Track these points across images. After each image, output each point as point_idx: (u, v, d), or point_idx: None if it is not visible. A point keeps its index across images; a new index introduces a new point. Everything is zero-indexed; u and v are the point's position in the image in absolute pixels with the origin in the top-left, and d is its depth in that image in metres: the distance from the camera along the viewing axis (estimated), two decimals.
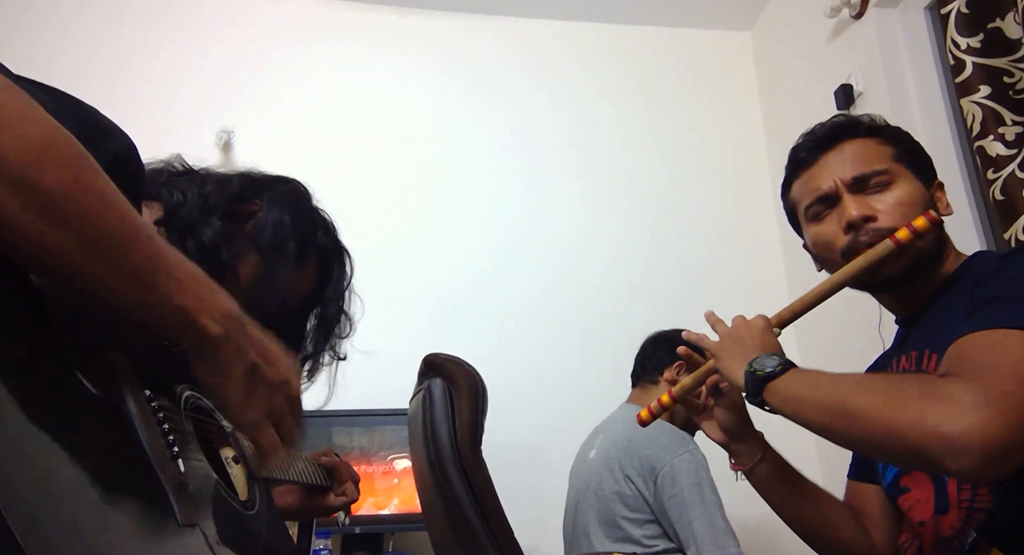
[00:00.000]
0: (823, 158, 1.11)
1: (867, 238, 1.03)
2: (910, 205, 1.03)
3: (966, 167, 2.17)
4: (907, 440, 0.76)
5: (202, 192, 0.90)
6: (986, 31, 1.82)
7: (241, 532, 0.74)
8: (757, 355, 1.00)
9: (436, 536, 1.35)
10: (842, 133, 1.11)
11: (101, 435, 0.55)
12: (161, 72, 2.74)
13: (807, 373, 0.95)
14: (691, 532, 1.69)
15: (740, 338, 1.05)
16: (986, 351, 0.79)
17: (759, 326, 1.06)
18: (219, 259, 0.86)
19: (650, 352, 2.09)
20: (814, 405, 0.89)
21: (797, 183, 1.16)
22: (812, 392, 0.90)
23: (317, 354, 1.03)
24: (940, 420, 0.73)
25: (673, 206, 2.95)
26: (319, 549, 2.06)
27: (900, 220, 1.01)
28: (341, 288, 1.03)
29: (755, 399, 0.98)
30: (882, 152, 1.08)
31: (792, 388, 0.93)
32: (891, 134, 1.12)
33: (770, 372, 0.96)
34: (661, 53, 3.18)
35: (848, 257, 1.05)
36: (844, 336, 2.17)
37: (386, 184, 2.79)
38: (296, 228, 0.95)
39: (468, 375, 1.23)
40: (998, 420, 0.71)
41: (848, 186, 1.06)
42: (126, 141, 0.69)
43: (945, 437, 0.72)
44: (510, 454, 2.21)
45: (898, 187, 1.05)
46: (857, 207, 1.04)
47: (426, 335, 2.21)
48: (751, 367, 0.98)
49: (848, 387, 0.87)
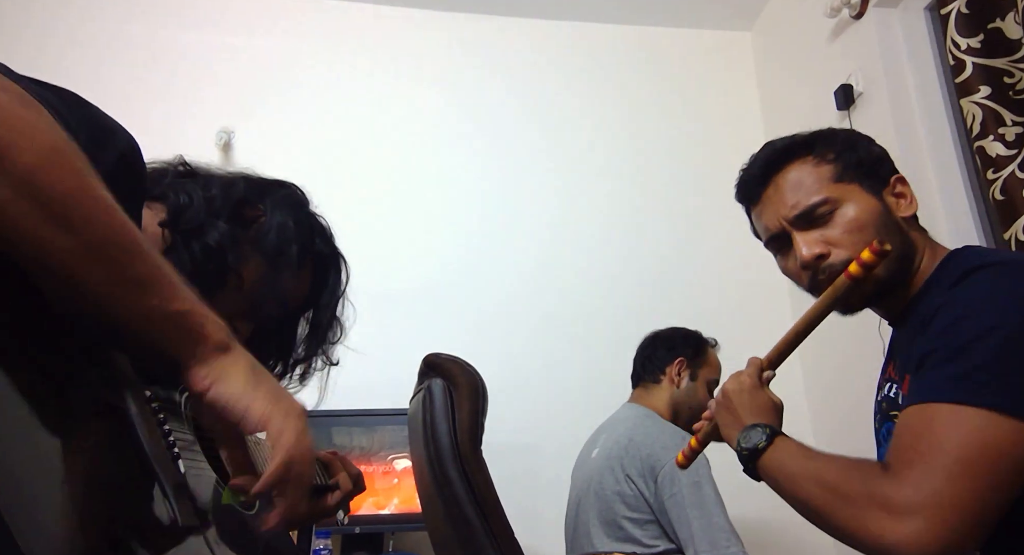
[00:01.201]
0: (764, 194, 1.09)
1: (824, 276, 1.01)
2: (859, 229, 1.00)
3: (966, 167, 2.17)
4: (861, 545, 0.81)
5: (207, 195, 0.90)
6: (986, 31, 1.82)
7: (241, 532, 0.74)
8: (749, 421, 1.01)
9: (436, 536, 1.35)
10: (774, 166, 1.08)
11: (101, 435, 0.55)
12: (161, 72, 2.74)
13: (788, 451, 0.95)
14: (689, 532, 1.69)
15: (730, 405, 1.06)
16: (919, 438, 0.79)
17: (747, 387, 1.06)
18: (224, 262, 0.86)
19: (649, 352, 2.10)
20: (789, 496, 0.92)
21: (752, 217, 1.15)
22: (787, 482, 0.93)
23: (308, 358, 1.03)
24: (880, 529, 0.77)
25: (673, 206, 2.94)
26: (319, 549, 2.06)
27: (854, 248, 0.98)
28: (337, 295, 1.04)
29: (750, 474, 1.00)
30: (819, 175, 1.04)
31: (776, 470, 0.95)
32: (826, 147, 1.06)
33: (753, 449, 0.97)
34: (661, 53, 3.18)
35: (815, 293, 1.04)
36: (844, 336, 2.17)
37: (384, 183, 2.79)
38: (298, 233, 0.96)
39: (468, 375, 1.24)
40: (934, 525, 0.73)
41: (792, 224, 1.04)
42: (130, 140, 0.69)
43: (889, 547, 0.76)
44: (507, 453, 2.21)
45: (845, 211, 1.01)
46: (808, 246, 1.01)
47: (425, 334, 2.22)
48: (739, 444, 1.00)
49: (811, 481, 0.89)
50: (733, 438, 1.03)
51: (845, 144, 1.07)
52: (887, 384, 1.05)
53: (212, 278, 0.85)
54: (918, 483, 0.76)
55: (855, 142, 1.08)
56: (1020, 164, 1.72)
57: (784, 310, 2.61)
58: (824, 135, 1.09)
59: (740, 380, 1.07)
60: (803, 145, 1.07)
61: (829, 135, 1.09)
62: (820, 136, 1.08)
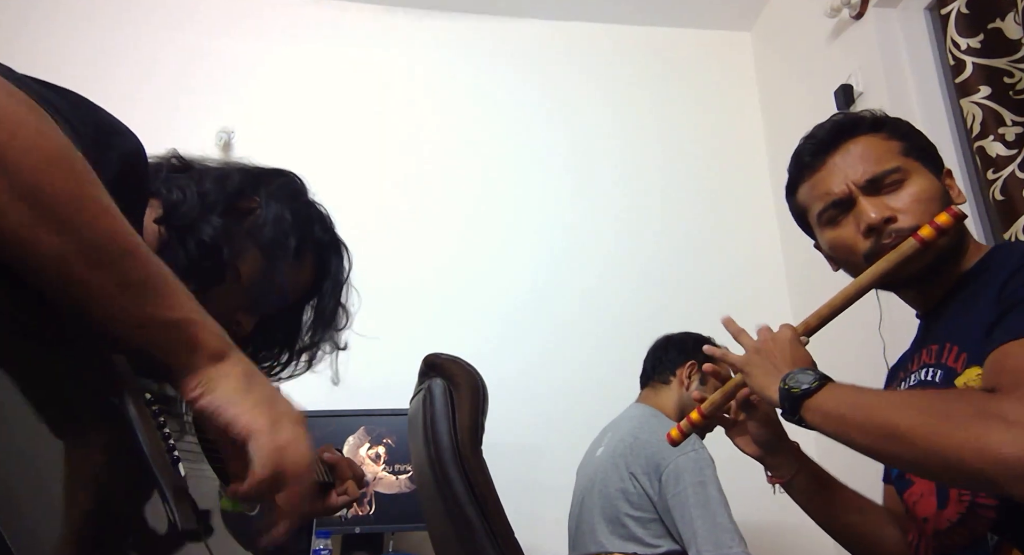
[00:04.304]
0: (830, 160, 1.08)
1: (890, 240, 1.00)
2: (927, 200, 1.01)
3: (966, 167, 2.17)
4: (964, 464, 0.74)
5: (201, 189, 0.89)
6: (986, 31, 1.82)
7: (242, 534, 0.74)
8: (790, 370, 0.96)
9: (436, 536, 1.35)
10: (845, 133, 1.08)
11: (101, 438, 0.55)
12: (161, 72, 2.74)
13: (846, 389, 0.91)
14: (692, 531, 1.69)
15: (769, 352, 1.02)
16: None
17: (787, 337, 1.03)
18: (220, 257, 0.86)
19: (661, 353, 2.10)
20: (858, 426, 0.85)
21: (804, 187, 1.13)
22: (854, 411, 0.86)
23: (314, 346, 1.03)
24: (997, 442, 0.71)
25: (672, 206, 2.94)
26: (319, 549, 2.06)
27: (920, 217, 0.99)
28: (339, 281, 1.03)
29: (792, 417, 0.94)
30: (890, 148, 1.06)
31: (832, 406, 0.89)
32: (895, 127, 1.09)
33: (807, 389, 0.91)
34: (661, 53, 3.18)
35: (871, 260, 1.02)
36: (844, 336, 2.17)
37: (385, 183, 2.79)
38: (295, 223, 0.95)
39: (468, 375, 1.24)
40: None
41: (862, 188, 1.04)
42: (135, 142, 0.69)
43: (1005, 461, 0.70)
44: (507, 453, 2.21)
45: (912, 183, 1.02)
46: (876, 209, 1.01)
47: (426, 334, 2.22)
48: (785, 384, 0.94)
49: (895, 406, 0.84)
50: (771, 385, 0.97)
51: (910, 127, 1.11)
52: (921, 371, 1.02)
53: (209, 274, 0.84)
54: None
55: (916, 130, 1.11)
56: (1020, 164, 1.72)
57: (786, 312, 2.61)
58: (892, 118, 1.12)
59: (777, 334, 1.05)
60: (873, 121, 1.10)
61: (896, 119, 1.12)
62: (888, 117, 1.11)
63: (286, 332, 1.02)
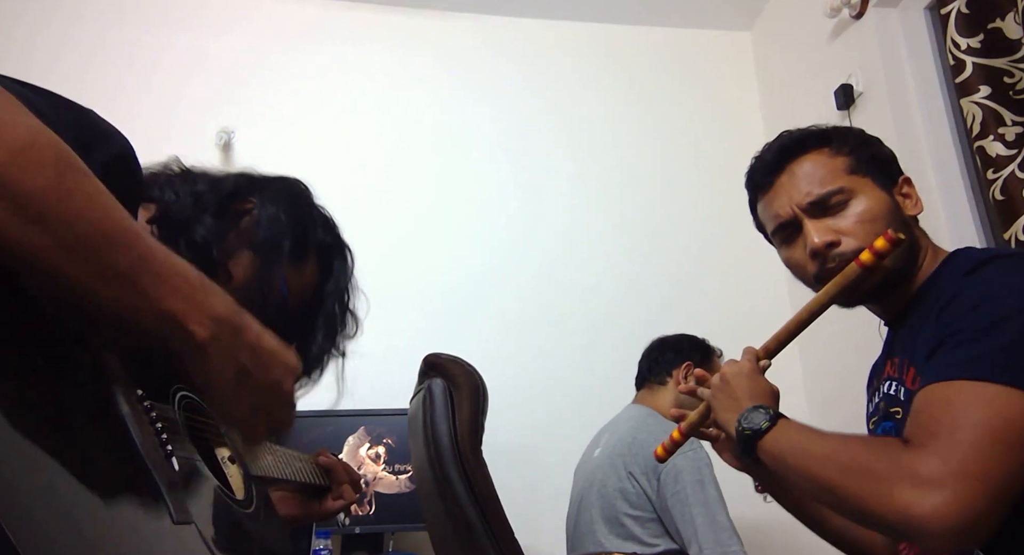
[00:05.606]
0: (777, 181, 1.08)
1: (834, 265, 1.01)
2: (872, 220, 1.00)
3: (966, 167, 2.17)
4: (885, 521, 0.78)
5: (194, 190, 0.89)
6: (986, 31, 1.82)
7: (238, 530, 0.74)
8: (746, 407, 0.99)
9: (436, 536, 1.35)
10: (789, 153, 1.08)
11: (94, 434, 0.55)
12: (161, 72, 2.74)
13: (791, 432, 0.93)
14: (693, 530, 1.69)
15: (730, 389, 1.04)
16: (943, 412, 0.78)
17: (746, 371, 1.04)
18: (211, 257, 0.85)
19: (657, 355, 2.11)
20: (800, 473, 0.88)
21: (759, 206, 1.14)
22: (796, 459, 0.89)
23: (322, 353, 1.02)
24: (907, 501, 0.74)
25: (672, 206, 2.94)
26: (319, 549, 2.06)
27: (864, 238, 0.98)
28: (342, 283, 1.03)
29: (748, 458, 0.97)
30: (835, 166, 1.05)
31: (778, 451, 0.92)
32: (842, 141, 1.07)
33: (756, 429, 0.95)
34: (661, 53, 3.18)
35: (820, 282, 1.03)
36: (844, 336, 2.17)
37: (385, 184, 2.79)
38: (291, 225, 0.94)
39: (468, 375, 1.24)
40: (962, 496, 0.72)
41: (805, 211, 1.03)
42: (123, 144, 0.68)
43: (915, 519, 0.73)
44: (507, 453, 2.21)
45: (858, 202, 1.02)
46: (819, 234, 1.01)
47: (426, 334, 2.22)
48: (740, 425, 0.97)
49: (825, 460, 0.86)
50: (731, 421, 1.00)
51: (859, 140, 1.09)
52: (886, 383, 1.04)
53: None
54: (945, 454, 0.74)
55: (868, 139, 1.10)
56: (1020, 164, 1.72)
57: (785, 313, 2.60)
58: (839, 130, 1.10)
59: (739, 365, 1.06)
60: (819, 137, 1.08)
61: (844, 131, 1.10)
62: (835, 131, 1.10)
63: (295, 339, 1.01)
